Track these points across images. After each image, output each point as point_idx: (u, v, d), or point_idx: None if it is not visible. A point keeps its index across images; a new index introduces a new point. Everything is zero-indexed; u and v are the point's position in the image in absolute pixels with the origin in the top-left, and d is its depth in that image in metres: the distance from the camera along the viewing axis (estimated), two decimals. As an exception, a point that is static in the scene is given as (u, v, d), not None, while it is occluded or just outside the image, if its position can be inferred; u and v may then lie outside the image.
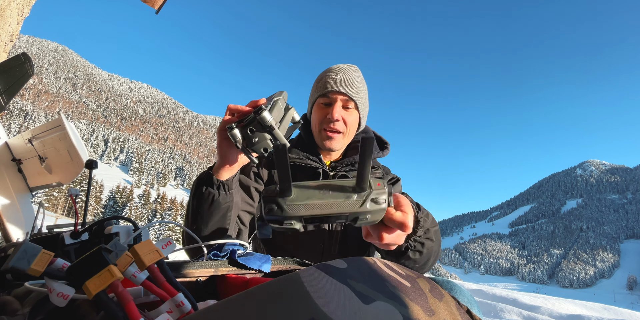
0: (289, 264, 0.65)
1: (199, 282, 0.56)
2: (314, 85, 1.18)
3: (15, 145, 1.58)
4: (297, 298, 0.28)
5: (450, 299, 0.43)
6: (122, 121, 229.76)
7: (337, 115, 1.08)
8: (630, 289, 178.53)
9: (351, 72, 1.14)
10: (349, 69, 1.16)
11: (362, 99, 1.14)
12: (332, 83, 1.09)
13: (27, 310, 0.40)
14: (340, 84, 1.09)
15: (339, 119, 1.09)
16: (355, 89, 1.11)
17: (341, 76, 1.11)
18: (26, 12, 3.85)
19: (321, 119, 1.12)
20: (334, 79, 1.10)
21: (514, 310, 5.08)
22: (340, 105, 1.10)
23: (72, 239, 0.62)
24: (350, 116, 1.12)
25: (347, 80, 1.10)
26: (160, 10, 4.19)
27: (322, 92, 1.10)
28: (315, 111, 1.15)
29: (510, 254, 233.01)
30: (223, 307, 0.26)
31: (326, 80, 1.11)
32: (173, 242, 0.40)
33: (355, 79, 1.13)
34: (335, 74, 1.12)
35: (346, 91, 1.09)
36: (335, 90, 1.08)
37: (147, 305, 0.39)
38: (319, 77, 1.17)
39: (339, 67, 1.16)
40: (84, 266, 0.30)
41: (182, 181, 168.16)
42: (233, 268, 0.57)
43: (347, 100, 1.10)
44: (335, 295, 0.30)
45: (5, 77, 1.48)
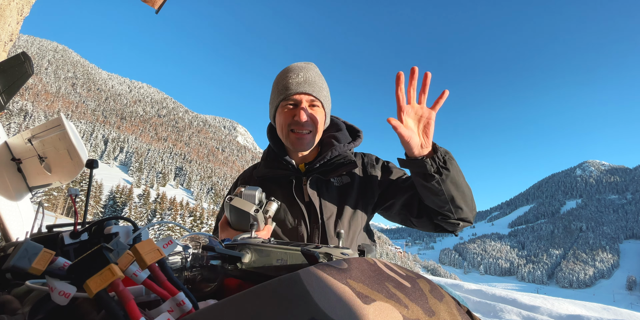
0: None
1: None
2: (274, 88, 1.15)
3: (15, 145, 1.58)
4: (298, 298, 0.28)
5: (450, 299, 0.43)
6: (122, 121, 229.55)
7: (305, 116, 1.07)
8: (630, 289, 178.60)
9: (311, 71, 1.13)
10: (308, 67, 1.15)
11: (325, 97, 1.14)
12: (295, 84, 1.08)
13: (27, 309, 0.40)
14: (303, 84, 1.08)
15: (307, 119, 1.08)
16: (318, 88, 1.11)
17: (302, 76, 1.09)
18: (26, 11, 3.84)
19: (288, 121, 1.10)
20: (295, 80, 1.09)
21: (513, 310, 5.08)
22: (307, 105, 1.10)
23: (72, 238, 0.62)
24: (317, 114, 1.12)
25: (309, 80, 1.10)
26: (160, 10, 4.18)
27: (285, 94, 1.09)
28: (281, 114, 1.12)
29: (509, 254, 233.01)
30: (223, 307, 0.26)
31: (288, 82, 1.09)
32: (174, 241, 0.40)
33: (316, 78, 1.12)
34: (296, 74, 1.10)
35: (310, 91, 1.08)
36: (300, 91, 1.07)
37: (148, 304, 0.40)
38: (277, 80, 1.15)
39: (297, 67, 1.13)
40: (85, 265, 0.30)
41: (181, 181, 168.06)
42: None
43: (313, 99, 1.10)
44: (336, 295, 0.30)
45: (5, 77, 1.47)
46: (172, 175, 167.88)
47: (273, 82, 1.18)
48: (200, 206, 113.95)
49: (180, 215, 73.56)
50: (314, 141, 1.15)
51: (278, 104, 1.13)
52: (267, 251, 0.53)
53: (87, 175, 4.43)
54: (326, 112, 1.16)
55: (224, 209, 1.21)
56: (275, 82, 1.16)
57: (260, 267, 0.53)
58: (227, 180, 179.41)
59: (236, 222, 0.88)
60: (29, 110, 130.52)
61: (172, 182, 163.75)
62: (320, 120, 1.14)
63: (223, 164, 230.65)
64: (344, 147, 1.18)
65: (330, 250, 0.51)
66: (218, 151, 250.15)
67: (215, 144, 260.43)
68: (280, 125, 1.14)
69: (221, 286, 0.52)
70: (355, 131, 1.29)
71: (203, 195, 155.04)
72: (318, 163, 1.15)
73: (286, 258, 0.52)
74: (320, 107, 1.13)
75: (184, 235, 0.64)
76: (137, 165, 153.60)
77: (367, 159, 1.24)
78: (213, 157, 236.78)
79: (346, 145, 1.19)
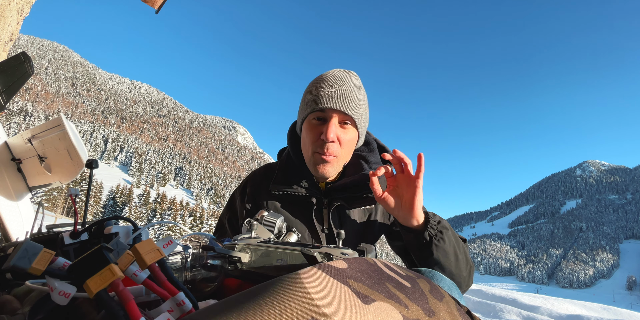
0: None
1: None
2: (305, 98, 0.99)
3: (15, 145, 1.58)
4: (297, 298, 0.28)
5: (450, 299, 0.43)
6: (122, 121, 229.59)
7: (333, 135, 0.92)
8: (630, 289, 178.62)
9: (349, 83, 0.96)
10: (346, 78, 0.97)
11: (361, 115, 0.97)
12: (327, 98, 0.92)
13: (27, 309, 0.40)
14: (335, 99, 0.92)
15: (335, 140, 0.93)
16: (354, 105, 0.94)
17: (337, 89, 0.93)
18: (26, 11, 3.84)
19: (314, 140, 0.96)
20: (327, 92, 0.92)
21: (513, 310, 5.08)
22: (336, 123, 0.94)
23: (72, 239, 0.62)
24: (347, 135, 0.96)
25: (343, 95, 0.93)
26: (160, 10, 4.18)
27: (314, 108, 0.93)
28: (307, 129, 0.97)
29: (509, 254, 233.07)
30: (223, 307, 0.26)
31: (319, 94, 0.93)
32: (174, 241, 0.40)
33: (353, 92, 0.95)
34: (330, 86, 0.93)
35: (343, 108, 0.92)
36: (330, 107, 0.91)
37: (148, 304, 0.40)
38: (309, 88, 0.98)
39: (333, 77, 0.96)
40: (85, 265, 0.30)
41: (181, 181, 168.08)
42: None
43: (345, 116, 0.94)
44: (336, 295, 0.30)
45: (5, 77, 1.47)
46: (172, 175, 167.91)
47: (306, 87, 1.02)
48: (200, 206, 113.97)
49: (180, 215, 73.58)
50: (339, 167, 1.00)
51: (306, 116, 0.97)
52: (267, 251, 0.53)
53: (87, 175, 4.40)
54: (359, 133, 1.00)
55: (229, 209, 1.19)
56: (307, 90, 1.00)
57: (260, 267, 0.53)
58: (227, 180, 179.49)
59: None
60: (29, 110, 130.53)
61: (172, 182, 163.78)
62: (349, 143, 0.98)
63: (223, 164, 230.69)
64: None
65: (330, 250, 0.51)
66: (218, 151, 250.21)
67: (215, 144, 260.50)
68: (304, 141, 1.00)
69: (221, 286, 0.53)
70: (387, 151, 1.12)
71: (203, 195, 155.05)
72: (340, 186, 1.02)
73: (286, 258, 0.52)
74: (353, 127, 0.97)
75: (184, 235, 0.64)
76: (137, 165, 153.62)
77: None
78: (213, 157, 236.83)
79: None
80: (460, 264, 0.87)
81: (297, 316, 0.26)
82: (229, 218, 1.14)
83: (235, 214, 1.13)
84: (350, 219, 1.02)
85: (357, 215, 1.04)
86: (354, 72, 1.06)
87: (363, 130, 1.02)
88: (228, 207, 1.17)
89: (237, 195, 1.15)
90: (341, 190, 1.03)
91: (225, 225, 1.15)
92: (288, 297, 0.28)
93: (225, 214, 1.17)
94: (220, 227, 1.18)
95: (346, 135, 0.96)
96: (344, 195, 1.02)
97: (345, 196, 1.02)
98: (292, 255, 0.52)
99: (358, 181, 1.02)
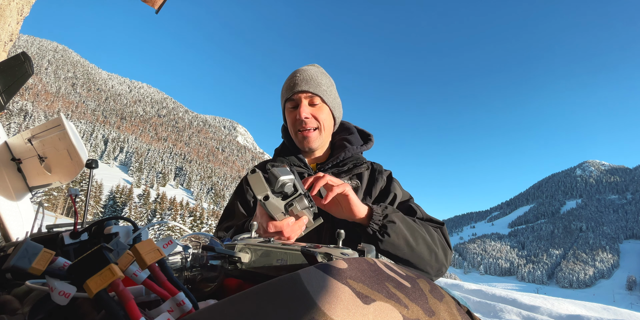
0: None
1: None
2: (281, 92, 1.19)
3: (15, 145, 1.58)
4: (298, 298, 0.28)
5: (450, 299, 0.43)
6: (122, 121, 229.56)
7: (305, 113, 1.09)
8: (630, 290, 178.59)
9: (310, 70, 1.15)
10: (309, 68, 1.17)
11: (326, 91, 1.14)
12: (293, 85, 1.11)
13: (27, 309, 0.40)
14: (300, 83, 1.10)
15: (308, 116, 1.10)
16: (315, 84, 1.11)
17: (300, 76, 1.11)
18: (26, 11, 3.84)
19: (293, 122, 1.13)
20: (294, 80, 1.11)
21: (513, 310, 5.08)
22: (306, 103, 1.11)
23: (72, 238, 0.62)
24: (321, 112, 1.13)
25: (306, 78, 1.11)
26: (160, 10, 4.18)
27: (287, 96, 1.12)
28: (287, 116, 1.17)
29: (509, 254, 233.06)
30: (223, 307, 0.26)
31: (288, 84, 1.13)
32: (174, 241, 0.40)
33: (314, 75, 1.13)
34: (294, 76, 1.13)
35: (307, 88, 1.09)
36: (297, 91, 1.10)
37: (148, 304, 0.39)
38: (283, 86, 1.18)
39: (299, 69, 1.16)
40: (85, 265, 0.30)
41: (181, 181, 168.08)
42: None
43: (312, 96, 1.11)
44: (336, 295, 0.30)
45: (5, 77, 1.47)
46: (172, 175, 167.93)
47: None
48: (200, 206, 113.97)
49: (180, 215, 73.58)
50: (322, 138, 1.17)
51: (284, 106, 1.17)
52: (267, 251, 0.53)
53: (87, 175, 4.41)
54: (331, 108, 1.17)
55: (237, 194, 1.22)
56: (282, 86, 1.20)
57: (260, 267, 0.53)
58: (227, 180, 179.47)
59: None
60: (29, 110, 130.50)
61: (172, 182, 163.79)
62: (325, 117, 1.15)
63: (223, 164, 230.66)
64: (356, 149, 1.20)
65: (330, 250, 0.50)
66: (218, 151, 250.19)
67: (215, 144, 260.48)
68: (289, 127, 1.18)
69: (221, 286, 0.52)
70: (366, 135, 1.32)
71: (203, 195, 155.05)
72: (330, 163, 1.17)
73: (286, 258, 0.52)
74: (321, 103, 1.14)
75: (184, 235, 0.64)
76: (137, 165, 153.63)
77: (376, 166, 1.25)
78: (213, 157, 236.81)
79: (358, 147, 1.21)
80: (417, 253, 0.92)
81: (297, 316, 0.26)
82: (240, 201, 1.21)
83: (245, 198, 1.21)
84: None
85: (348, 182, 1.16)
86: (318, 64, 1.26)
87: (334, 106, 1.19)
88: (236, 193, 1.26)
89: (244, 181, 1.26)
90: (331, 168, 1.18)
91: (234, 210, 1.21)
92: (288, 297, 0.28)
93: (234, 199, 1.24)
94: (229, 214, 1.22)
95: (319, 111, 1.13)
96: (333, 171, 1.17)
97: (335, 172, 1.16)
98: (292, 255, 0.52)
99: (344, 157, 1.17)
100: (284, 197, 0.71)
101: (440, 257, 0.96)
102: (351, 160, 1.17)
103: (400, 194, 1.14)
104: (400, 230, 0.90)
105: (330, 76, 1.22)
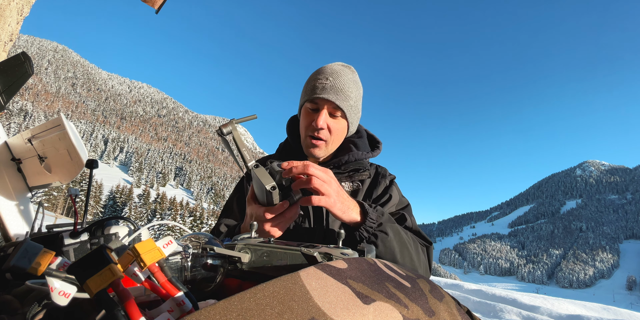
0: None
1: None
2: (304, 88, 1.12)
3: (15, 145, 1.58)
4: (297, 298, 0.28)
5: (450, 299, 0.43)
6: (122, 121, 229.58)
7: (322, 123, 1.03)
8: (630, 289, 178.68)
9: (343, 77, 1.06)
10: (342, 72, 1.07)
11: (351, 106, 1.07)
12: (320, 89, 1.03)
13: (27, 309, 0.40)
14: (328, 90, 1.02)
15: (324, 127, 1.04)
16: (344, 97, 1.03)
17: (331, 81, 1.03)
18: (26, 11, 3.84)
19: (307, 125, 1.08)
20: (322, 83, 1.03)
21: (513, 310, 5.08)
22: (327, 112, 1.05)
23: (72, 238, 0.62)
24: (337, 124, 1.07)
25: (336, 87, 1.03)
26: (160, 10, 4.18)
27: (309, 97, 1.04)
28: (303, 116, 1.10)
29: (509, 254, 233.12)
30: (223, 307, 0.26)
31: (315, 85, 1.04)
32: (174, 241, 0.40)
33: (346, 85, 1.05)
34: (325, 78, 1.04)
35: (334, 99, 1.02)
36: (322, 97, 1.02)
37: (148, 304, 0.39)
38: (308, 80, 1.10)
39: (330, 70, 1.07)
40: (85, 265, 0.30)
41: (181, 181, 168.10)
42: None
43: (335, 108, 1.04)
44: (336, 295, 0.30)
45: (5, 77, 1.47)
46: (172, 175, 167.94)
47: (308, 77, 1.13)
48: (200, 206, 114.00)
49: (180, 215, 73.60)
50: (328, 150, 1.11)
51: (303, 104, 1.10)
52: (267, 251, 0.53)
53: (87, 175, 4.43)
54: (349, 123, 1.10)
55: (237, 190, 1.22)
56: (306, 81, 1.12)
57: (260, 267, 0.53)
58: (227, 180, 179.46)
59: (259, 195, 0.79)
60: (29, 110, 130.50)
61: (172, 182, 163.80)
62: (338, 131, 1.09)
63: (223, 164, 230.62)
64: (361, 155, 1.14)
65: (330, 250, 0.50)
66: (218, 151, 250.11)
67: (215, 144, 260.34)
68: (301, 126, 1.13)
69: (221, 286, 0.53)
70: (375, 142, 1.26)
71: (203, 195, 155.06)
72: (332, 165, 1.13)
73: (286, 258, 0.52)
74: (342, 118, 1.07)
75: (184, 235, 0.64)
76: (137, 165, 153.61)
77: (380, 169, 1.21)
78: (213, 157, 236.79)
79: (364, 153, 1.16)
80: (409, 258, 0.87)
81: (297, 316, 0.26)
82: (238, 198, 1.21)
83: (243, 195, 1.20)
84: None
85: (347, 186, 1.13)
86: (352, 67, 1.16)
87: (353, 121, 1.12)
88: (237, 189, 1.24)
89: (244, 177, 1.24)
90: (331, 169, 1.13)
91: (232, 207, 1.20)
92: (288, 297, 0.28)
93: (233, 195, 1.24)
94: (227, 209, 1.23)
95: (336, 124, 1.07)
96: (333, 172, 1.10)
97: (334, 173, 1.11)
98: (292, 255, 0.52)
99: (346, 160, 1.13)
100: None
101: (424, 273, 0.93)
102: (354, 166, 1.13)
103: (397, 199, 1.11)
104: (390, 244, 0.84)
105: (360, 84, 1.13)
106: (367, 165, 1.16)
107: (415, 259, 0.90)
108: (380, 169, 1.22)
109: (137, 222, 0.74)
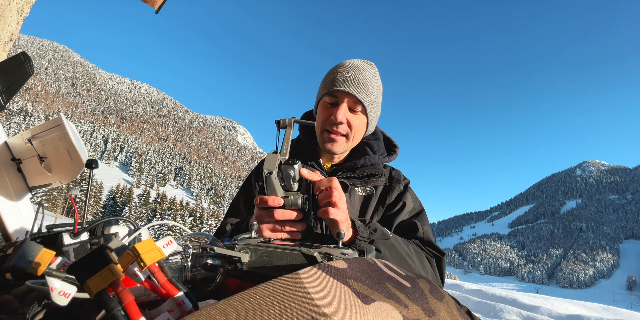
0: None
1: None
2: (323, 81, 1.07)
3: (15, 145, 1.58)
4: (297, 298, 0.28)
5: (450, 299, 0.43)
6: (122, 121, 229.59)
7: (342, 117, 0.98)
8: (630, 289, 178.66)
9: (364, 71, 1.01)
10: (363, 66, 1.03)
11: (372, 102, 1.02)
12: (341, 81, 0.98)
13: (27, 309, 0.40)
14: (349, 83, 0.98)
15: (343, 121, 0.99)
16: (365, 91, 0.99)
17: (352, 75, 0.99)
18: (26, 11, 3.85)
19: (324, 119, 1.02)
20: (343, 76, 0.99)
21: (513, 310, 5.08)
22: (347, 106, 1.00)
23: (72, 238, 0.62)
24: (357, 120, 1.02)
25: (357, 80, 0.98)
26: (160, 10, 4.18)
27: (328, 90, 0.99)
28: (320, 110, 1.05)
29: (509, 254, 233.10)
30: (223, 307, 0.26)
31: (335, 78, 1.00)
32: (174, 241, 0.40)
33: (367, 79, 1.00)
34: (346, 71, 1.00)
35: (355, 93, 0.97)
36: (342, 90, 0.97)
37: (148, 304, 0.40)
38: (328, 73, 1.06)
39: (351, 64, 1.03)
40: (85, 265, 0.30)
41: (181, 181, 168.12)
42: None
43: (355, 102, 0.99)
44: (336, 295, 0.30)
45: (5, 77, 1.47)
46: (172, 175, 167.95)
47: (327, 71, 1.09)
48: (200, 206, 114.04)
49: (180, 215, 73.58)
50: (348, 146, 1.06)
51: (321, 98, 1.04)
52: (267, 251, 0.53)
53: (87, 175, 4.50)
54: (369, 119, 1.05)
55: (244, 189, 1.20)
56: (326, 74, 1.07)
57: (260, 267, 0.53)
58: (227, 180, 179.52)
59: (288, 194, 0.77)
60: (29, 110, 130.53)
61: (172, 182, 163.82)
62: (358, 128, 1.03)
63: (223, 164, 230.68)
64: (377, 160, 1.09)
65: (330, 250, 0.51)
66: (218, 151, 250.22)
67: (215, 144, 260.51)
68: (317, 121, 1.06)
69: (221, 286, 0.53)
70: (392, 145, 1.20)
71: (203, 195, 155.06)
72: (346, 168, 1.07)
73: (286, 258, 0.52)
74: (362, 113, 1.02)
75: (184, 235, 0.64)
76: (137, 165, 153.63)
77: (394, 173, 1.15)
78: (213, 157, 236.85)
79: (380, 158, 1.11)
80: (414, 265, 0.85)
81: (297, 316, 0.26)
82: (245, 197, 1.17)
83: (251, 193, 1.17)
84: (354, 194, 1.07)
85: (360, 190, 1.09)
86: (374, 64, 1.12)
87: (373, 118, 1.07)
88: (243, 188, 1.22)
89: (252, 175, 1.21)
90: (345, 172, 1.09)
91: (239, 206, 1.17)
92: (288, 297, 0.28)
93: (240, 194, 1.21)
94: (233, 209, 1.19)
95: (356, 119, 1.02)
96: (347, 175, 1.08)
97: (348, 176, 1.07)
98: (292, 255, 0.52)
99: (362, 164, 1.08)
100: (285, 189, 0.74)
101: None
102: (369, 170, 1.07)
103: (410, 206, 1.06)
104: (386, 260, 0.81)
105: (381, 82, 1.09)
106: (382, 171, 1.10)
107: (422, 273, 0.86)
108: (395, 172, 1.16)
109: (137, 222, 0.74)
